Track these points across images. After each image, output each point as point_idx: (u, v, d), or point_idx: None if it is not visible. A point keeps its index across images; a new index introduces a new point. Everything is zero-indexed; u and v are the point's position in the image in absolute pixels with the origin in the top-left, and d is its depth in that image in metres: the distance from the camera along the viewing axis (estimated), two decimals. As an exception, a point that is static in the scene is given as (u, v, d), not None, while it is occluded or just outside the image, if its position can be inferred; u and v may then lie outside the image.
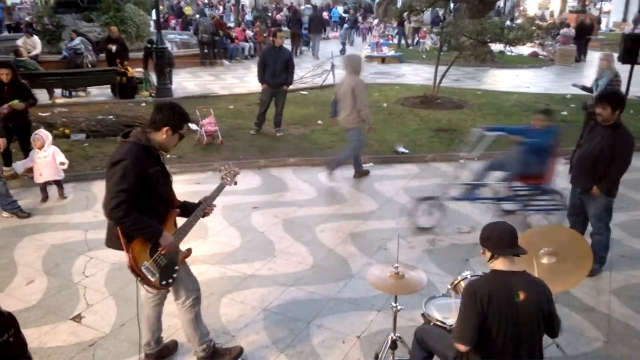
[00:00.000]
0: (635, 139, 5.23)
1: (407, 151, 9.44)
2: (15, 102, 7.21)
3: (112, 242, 3.58)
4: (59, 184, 7.25)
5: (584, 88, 9.35)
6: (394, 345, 3.76)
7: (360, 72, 7.97)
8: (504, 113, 12.64)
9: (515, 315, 2.93)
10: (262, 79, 10.17)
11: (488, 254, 3.08)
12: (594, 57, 25.96)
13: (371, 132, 8.81)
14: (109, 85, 13.73)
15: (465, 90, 15.39)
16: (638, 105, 13.48)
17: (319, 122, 11.42)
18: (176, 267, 3.64)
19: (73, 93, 13.72)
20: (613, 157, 5.03)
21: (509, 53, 21.74)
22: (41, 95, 10.69)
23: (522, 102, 13.87)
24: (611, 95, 5.05)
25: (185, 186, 7.50)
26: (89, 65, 14.61)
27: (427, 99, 13.44)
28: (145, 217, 3.40)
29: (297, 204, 7.23)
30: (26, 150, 7.56)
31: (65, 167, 7.24)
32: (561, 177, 8.05)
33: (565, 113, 12.34)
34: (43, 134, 7.20)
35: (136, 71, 14.01)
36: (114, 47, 13.84)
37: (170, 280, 3.60)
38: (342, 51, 22.70)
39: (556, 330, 3.16)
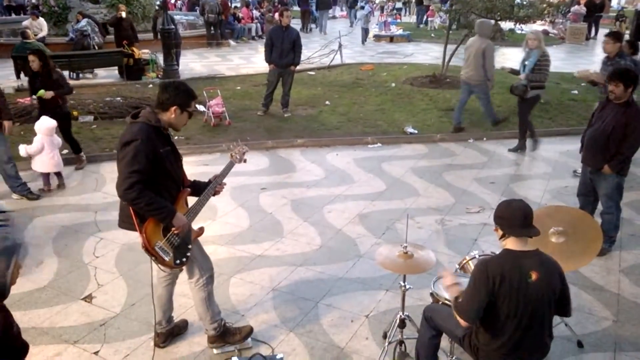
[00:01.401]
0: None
1: (415, 131, 9.39)
2: (42, 92, 6.99)
3: (125, 222, 3.60)
4: (58, 174, 7.08)
5: (512, 71, 8.54)
6: (402, 324, 3.77)
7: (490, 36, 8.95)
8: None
9: (527, 295, 2.91)
10: (269, 59, 10.09)
11: (500, 232, 3.05)
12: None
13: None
14: (116, 67, 13.71)
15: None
16: (650, 84, 13.31)
17: (327, 102, 11.36)
18: (189, 246, 3.66)
19: (80, 75, 13.71)
20: (625, 135, 4.97)
21: (519, 31, 21.42)
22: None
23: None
24: (624, 72, 4.97)
25: (194, 167, 7.50)
26: (96, 47, 14.59)
27: (436, 78, 13.32)
28: (159, 197, 3.40)
29: (305, 185, 7.23)
30: (68, 139, 7.51)
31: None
32: (571, 156, 8.03)
33: (575, 92, 12.20)
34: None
35: (143, 52, 13.97)
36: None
37: (184, 259, 3.62)
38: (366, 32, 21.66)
39: (568, 309, 3.14)
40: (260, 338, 4.15)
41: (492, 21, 11.88)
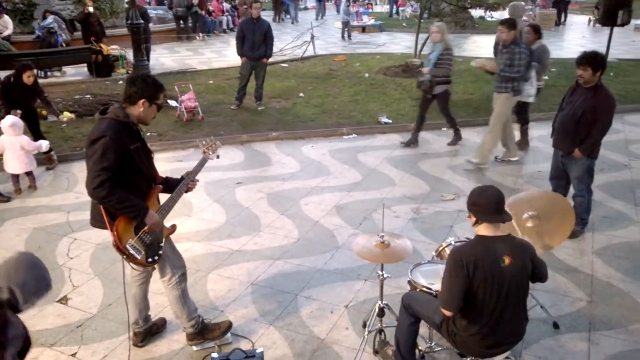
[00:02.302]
0: (616, 101, 5.25)
1: (390, 121, 9.42)
2: (67, 114, 7.52)
3: (96, 221, 3.53)
4: (30, 174, 6.90)
5: (421, 65, 8.30)
6: (381, 313, 3.80)
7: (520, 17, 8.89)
8: (486, 80, 12.58)
9: (501, 280, 2.95)
10: (240, 52, 9.99)
11: (474, 219, 3.08)
12: (573, 21, 26.00)
13: None
14: (84, 64, 13.45)
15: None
16: (618, 68, 13.57)
17: (301, 94, 11.33)
18: (161, 244, 3.61)
19: (48, 73, 13.42)
20: (594, 118, 5.05)
21: (489, 18, 21.65)
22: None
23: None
24: (592, 56, 5.04)
25: (167, 164, 7.42)
26: (63, 45, 14.27)
27: (409, 67, 13.36)
28: (130, 195, 3.35)
29: (281, 178, 7.21)
30: (38, 138, 7.36)
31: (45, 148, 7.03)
32: (543, 141, 8.14)
33: (546, 77, 12.35)
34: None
35: (112, 49, 13.74)
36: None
37: (157, 257, 3.57)
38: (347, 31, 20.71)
39: (544, 275, 3.18)
40: (240, 333, 4.13)
41: (523, 3, 11.97)
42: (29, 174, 6.89)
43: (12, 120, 6.66)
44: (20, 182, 6.83)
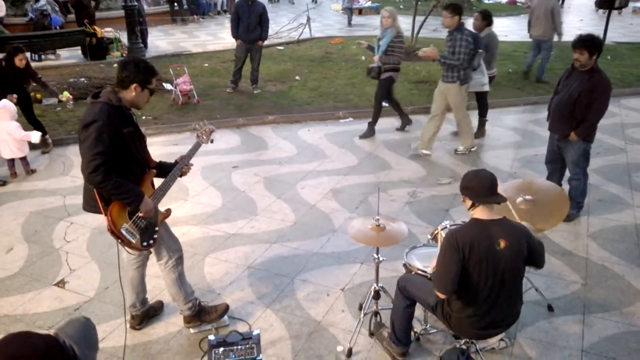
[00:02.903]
0: (612, 85, 5.25)
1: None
2: (66, 94, 7.44)
3: (89, 206, 3.52)
4: (23, 159, 6.85)
5: (369, 47, 7.93)
6: (377, 296, 3.82)
7: None
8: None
9: (496, 263, 2.97)
10: (236, 34, 9.91)
11: (469, 202, 3.09)
12: (571, 3, 25.86)
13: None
14: (79, 47, 13.34)
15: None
16: (614, 51, 13.53)
17: (297, 77, 11.27)
18: (156, 228, 3.61)
19: (42, 56, 13.29)
20: (590, 102, 5.04)
21: (486, 1, 21.51)
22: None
23: (501, 51, 13.68)
24: (589, 39, 5.02)
25: (163, 148, 7.38)
26: (63, 26, 14.14)
27: (406, 50, 13.27)
28: (126, 181, 3.34)
29: (278, 162, 7.20)
30: (32, 122, 7.41)
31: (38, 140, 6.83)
32: (539, 124, 8.14)
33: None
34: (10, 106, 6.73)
35: (106, 31, 13.61)
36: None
37: (152, 242, 3.57)
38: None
39: (541, 259, 3.19)
40: (236, 315, 4.16)
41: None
42: (22, 159, 6.84)
43: (2, 103, 6.60)
44: (16, 167, 6.80)
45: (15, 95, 6.91)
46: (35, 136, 6.75)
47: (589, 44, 4.98)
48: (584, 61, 5.01)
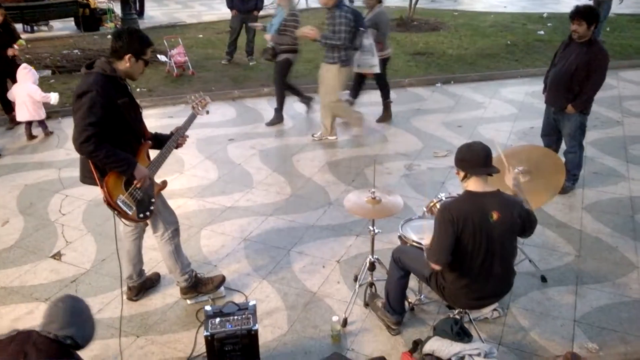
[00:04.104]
0: (610, 57, 5.21)
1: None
2: (22, 41, 7.23)
3: (86, 177, 3.52)
4: (42, 123, 7.10)
5: (264, 29, 7.38)
6: (372, 267, 3.85)
7: None
8: (481, 34, 12.47)
9: (489, 234, 2.98)
10: (230, 4, 9.79)
11: (462, 174, 3.09)
12: (571, -26, 25.48)
13: None
14: (72, 19, 13.15)
15: (442, 12, 15.09)
16: (615, 23, 13.40)
17: (293, 49, 11.13)
18: (152, 200, 3.61)
19: (35, 28, 13.11)
20: (588, 74, 5.00)
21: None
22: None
23: (499, 22, 13.67)
24: (587, 10, 4.96)
25: (158, 120, 7.34)
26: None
27: (403, 21, 13.16)
28: (117, 150, 3.32)
29: (273, 135, 7.17)
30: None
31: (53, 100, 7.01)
32: (535, 97, 8.11)
33: (542, 32, 12.22)
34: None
35: (99, 2, 13.41)
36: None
37: (148, 213, 3.57)
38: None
39: (531, 232, 3.19)
40: (233, 287, 4.19)
41: None
42: (41, 123, 7.09)
43: (26, 66, 6.99)
44: (32, 130, 7.09)
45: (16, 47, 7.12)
46: (55, 97, 7.03)
47: (587, 14, 4.92)
48: (582, 32, 4.96)
